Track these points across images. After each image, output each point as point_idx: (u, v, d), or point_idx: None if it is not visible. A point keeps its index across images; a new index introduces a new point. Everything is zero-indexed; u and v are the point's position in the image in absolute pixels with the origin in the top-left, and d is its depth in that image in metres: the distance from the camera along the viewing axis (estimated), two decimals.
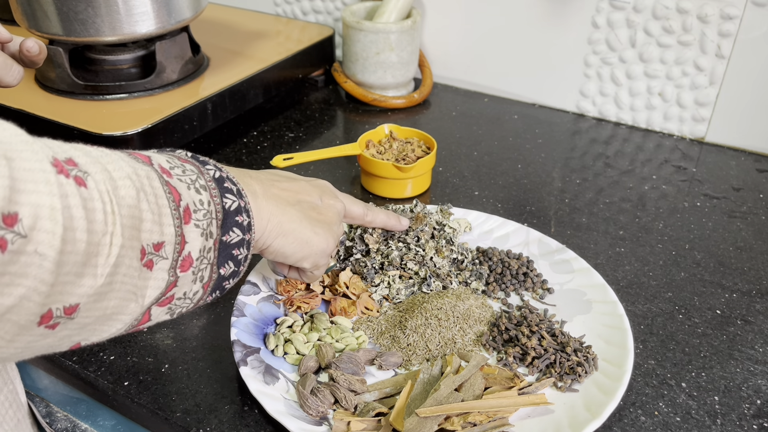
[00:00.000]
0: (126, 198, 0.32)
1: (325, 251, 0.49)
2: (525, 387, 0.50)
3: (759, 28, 0.78)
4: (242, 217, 0.40)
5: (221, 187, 0.40)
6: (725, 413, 0.50)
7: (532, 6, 0.90)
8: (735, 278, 0.64)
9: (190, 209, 0.36)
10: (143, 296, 0.34)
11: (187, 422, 0.49)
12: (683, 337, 0.57)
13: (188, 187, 0.37)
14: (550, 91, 0.95)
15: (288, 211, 0.46)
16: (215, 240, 0.38)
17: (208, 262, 0.38)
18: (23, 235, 0.26)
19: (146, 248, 0.33)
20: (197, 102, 0.78)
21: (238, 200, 0.40)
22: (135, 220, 0.32)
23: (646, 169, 0.81)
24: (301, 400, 0.48)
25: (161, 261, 0.35)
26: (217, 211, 0.38)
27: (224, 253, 0.40)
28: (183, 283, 0.37)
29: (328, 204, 0.51)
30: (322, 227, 0.49)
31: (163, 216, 0.34)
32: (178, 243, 0.35)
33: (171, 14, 0.77)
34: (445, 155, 0.84)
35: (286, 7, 1.10)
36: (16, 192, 0.26)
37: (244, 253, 0.41)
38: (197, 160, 0.41)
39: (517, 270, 0.61)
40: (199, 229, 0.37)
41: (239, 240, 0.40)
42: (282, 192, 0.47)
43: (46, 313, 0.29)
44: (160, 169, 0.36)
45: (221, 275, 0.40)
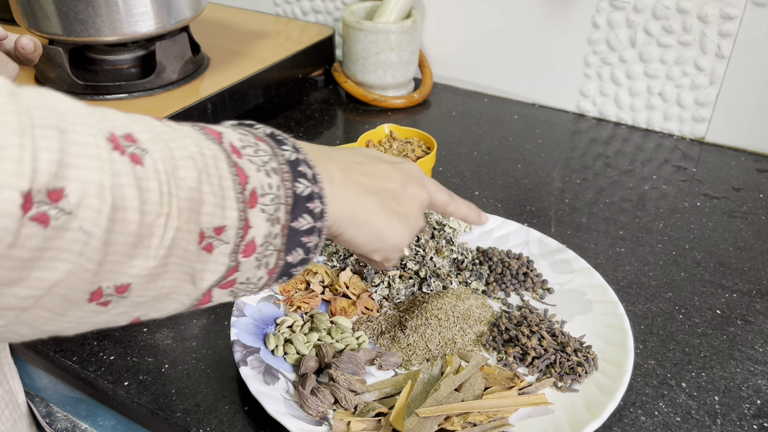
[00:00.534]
0: (186, 179, 0.31)
1: (398, 246, 0.46)
2: (525, 387, 0.50)
3: (759, 28, 0.78)
4: (314, 203, 0.38)
5: (295, 170, 0.37)
6: (725, 413, 0.50)
7: (532, 6, 0.90)
8: (735, 278, 0.64)
9: (257, 193, 0.35)
10: (201, 279, 0.33)
11: (187, 422, 0.49)
12: (683, 337, 0.57)
13: (258, 170, 0.35)
14: (550, 91, 0.95)
15: (365, 201, 0.43)
16: (283, 226, 0.36)
17: (274, 248, 0.36)
18: (68, 211, 0.25)
19: (206, 231, 0.32)
20: (197, 102, 0.78)
21: (312, 186, 0.38)
22: (194, 202, 0.31)
23: (646, 169, 0.81)
24: (301, 400, 0.48)
25: (222, 245, 0.33)
26: (287, 197, 0.36)
27: (293, 240, 0.37)
28: (245, 269, 0.36)
29: (411, 193, 0.47)
30: (399, 220, 0.46)
31: (226, 199, 0.33)
32: (241, 228, 0.34)
33: (171, 14, 0.77)
34: (445, 155, 0.83)
35: (286, 7, 1.10)
36: (65, 166, 0.25)
37: (315, 241, 0.39)
38: (274, 139, 0.39)
39: (517, 270, 0.61)
40: (264, 214, 0.35)
41: (310, 227, 0.38)
42: (362, 178, 0.44)
43: (96, 291, 0.28)
44: (230, 148, 0.35)
45: (288, 262, 0.38)
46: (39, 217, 0.24)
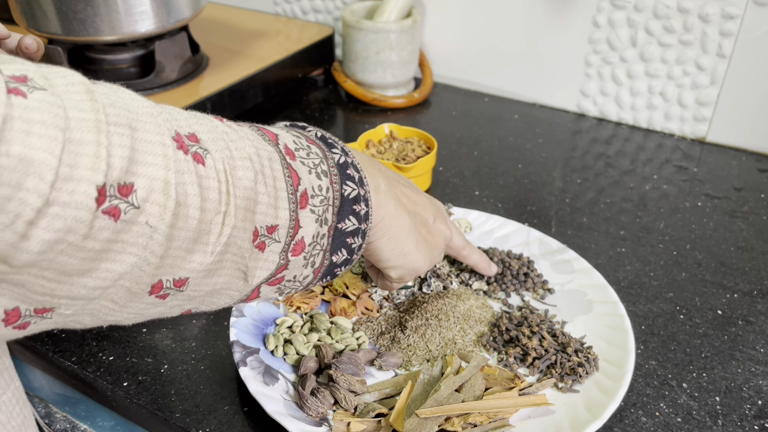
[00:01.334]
0: (243, 179, 0.32)
1: (417, 270, 0.47)
2: (525, 388, 0.50)
3: (760, 27, 0.78)
4: (360, 206, 0.39)
5: (343, 173, 0.39)
6: (726, 414, 0.50)
7: (532, 5, 0.90)
8: (736, 278, 0.63)
9: (308, 194, 0.36)
10: (253, 276, 0.34)
11: (186, 423, 0.49)
12: (684, 338, 0.57)
13: (309, 171, 0.36)
14: (550, 91, 0.95)
15: (401, 217, 0.44)
16: (330, 227, 0.38)
17: (320, 248, 0.38)
18: (136, 206, 0.26)
19: (259, 230, 0.33)
20: (196, 101, 0.78)
21: (359, 189, 0.39)
22: (250, 201, 0.32)
23: (647, 168, 0.81)
24: (300, 400, 0.48)
25: (273, 243, 0.34)
26: (334, 198, 0.38)
27: (338, 241, 0.39)
28: (293, 267, 0.37)
29: (438, 228, 0.49)
30: (426, 247, 0.47)
31: (279, 199, 0.34)
32: (291, 227, 0.35)
33: (170, 13, 0.76)
34: (445, 155, 0.83)
35: (285, 6, 1.10)
36: (135, 163, 0.26)
37: (358, 243, 0.40)
38: (325, 142, 0.40)
39: (518, 270, 0.61)
40: (314, 215, 0.36)
41: (354, 229, 0.39)
42: (403, 196, 0.46)
43: (157, 284, 0.29)
44: (284, 150, 0.36)
45: (333, 262, 0.39)
46: (111, 210, 0.26)
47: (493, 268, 0.58)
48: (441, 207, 0.51)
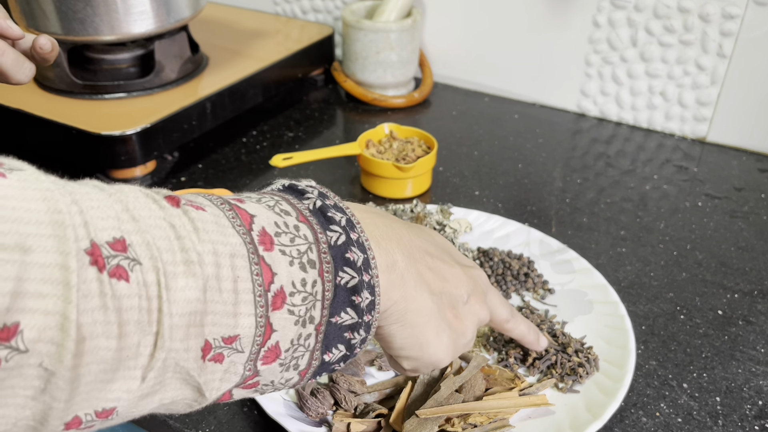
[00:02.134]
0: (185, 289, 0.26)
1: (436, 364, 0.39)
2: (526, 388, 0.50)
3: (760, 27, 0.78)
4: (360, 296, 0.32)
5: (340, 258, 0.32)
6: (727, 414, 0.50)
7: (533, 5, 0.90)
8: (737, 278, 0.63)
9: (285, 292, 0.30)
10: (210, 389, 0.29)
11: (186, 423, 0.49)
12: (685, 338, 0.56)
13: (291, 263, 0.30)
14: (550, 91, 0.95)
15: (422, 300, 0.37)
16: (318, 324, 0.32)
17: (305, 349, 0.32)
18: (23, 350, 0.22)
19: (212, 342, 0.28)
20: (196, 101, 0.77)
21: (360, 275, 0.32)
22: (194, 315, 0.27)
23: (648, 168, 0.81)
24: (300, 401, 0.48)
25: (235, 354, 0.29)
26: (325, 290, 0.31)
27: (332, 336, 0.32)
28: (267, 375, 0.31)
29: (471, 309, 0.41)
30: (449, 336, 0.39)
31: (240, 304, 0.28)
32: (260, 335, 0.29)
33: (170, 13, 0.76)
34: (445, 155, 0.83)
35: (285, 6, 1.10)
36: (21, 297, 0.22)
37: (360, 337, 0.33)
38: (323, 215, 0.33)
39: (518, 270, 0.61)
40: (293, 316, 0.30)
41: (353, 323, 0.33)
42: (428, 272, 0.38)
43: (73, 420, 0.25)
44: (259, 237, 0.29)
45: (326, 361, 0.33)
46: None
47: (543, 342, 0.50)
48: (481, 279, 0.42)
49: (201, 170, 0.79)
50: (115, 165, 0.73)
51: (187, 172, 0.79)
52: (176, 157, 0.81)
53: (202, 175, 0.78)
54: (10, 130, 0.78)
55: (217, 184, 0.76)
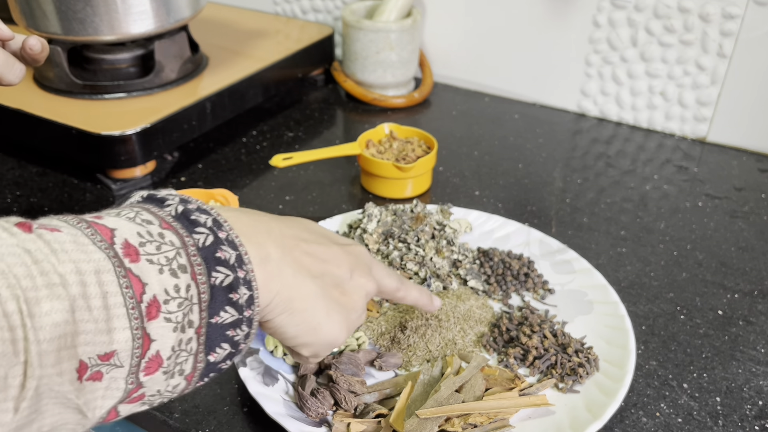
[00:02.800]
0: (51, 313, 0.26)
1: (332, 343, 0.40)
2: (526, 388, 0.50)
3: (760, 27, 0.78)
4: (238, 293, 0.32)
5: (210, 258, 0.32)
6: (727, 414, 0.50)
7: (533, 5, 0.90)
8: (737, 278, 0.63)
9: (159, 300, 0.30)
10: (92, 408, 0.29)
11: (186, 423, 0.48)
12: (685, 338, 0.56)
13: (160, 270, 0.30)
14: (551, 91, 0.95)
15: (305, 286, 0.37)
16: (198, 327, 0.31)
17: (188, 353, 0.31)
18: None
19: (87, 362, 0.27)
20: (196, 101, 0.77)
21: (234, 272, 0.33)
22: (64, 338, 0.26)
23: (648, 168, 0.81)
24: (300, 401, 0.48)
25: (114, 370, 0.28)
26: (201, 293, 0.31)
27: (214, 336, 0.32)
28: (151, 385, 0.31)
29: (357, 284, 0.41)
30: (340, 313, 0.40)
31: (112, 319, 0.28)
32: (138, 347, 0.29)
33: (170, 13, 0.76)
34: (445, 155, 0.83)
35: (285, 6, 1.10)
36: None
37: (243, 332, 0.34)
38: (187, 219, 0.33)
39: (518, 270, 0.61)
40: (170, 323, 0.30)
41: (234, 320, 0.33)
42: (305, 257, 0.38)
43: None
44: (123, 251, 0.29)
45: (211, 362, 0.33)
46: None
47: (437, 303, 0.50)
48: (362, 254, 0.43)
49: (201, 170, 0.79)
50: (115, 165, 0.73)
51: (187, 172, 0.79)
52: (176, 157, 0.81)
53: (202, 175, 0.78)
54: (11, 131, 0.78)
55: (217, 184, 0.76)
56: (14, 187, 0.75)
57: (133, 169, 0.74)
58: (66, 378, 0.27)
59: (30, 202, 0.73)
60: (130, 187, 0.75)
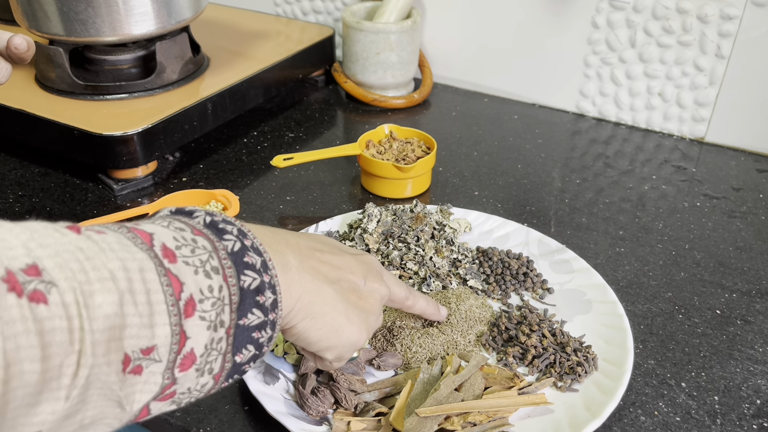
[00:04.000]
0: (104, 305, 0.27)
1: (354, 344, 0.42)
2: (525, 387, 0.50)
3: (759, 28, 0.78)
4: (264, 296, 0.34)
5: (239, 262, 0.34)
6: (725, 413, 0.50)
7: (532, 6, 0.90)
8: (735, 278, 0.64)
9: (195, 299, 0.31)
10: (131, 402, 0.30)
11: (186, 422, 0.49)
12: (683, 337, 0.57)
13: (195, 272, 0.32)
14: (550, 92, 0.95)
15: (323, 291, 0.40)
16: (228, 327, 0.33)
17: (218, 353, 0.33)
18: None
19: (131, 355, 0.29)
20: (197, 102, 0.78)
21: (261, 276, 0.34)
22: (114, 330, 0.28)
23: (646, 169, 0.81)
24: (301, 399, 0.48)
25: (153, 364, 0.30)
26: (231, 294, 0.33)
27: (241, 338, 0.34)
28: (184, 381, 0.32)
29: (371, 288, 0.44)
30: (359, 316, 0.42)
31: (155, 315, 0.29)
32: (175, 342, 0.30)
33: (171, 14, 0.77)
34: (445, 155, 0.84)
35: (286, 7, 1.10)
36: None
37: (267, 335, 0.35)
38: (215, 228, 0.35)
39: (517, 270, 0.61)
40: (205, 321, 0.32)
41: (261, 322, 0.34)
42: (322, 265, 0.41)
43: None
44: (162, 252, 0.31)
45: (237, 363, 0.35)
46: None
47: (443, 312, 0.54)
48: (373, 263, 0.46)
49: (202, 170, 0.80)
50: (117, 165, 0.73)
51: (188, 172, 0.79)
52: (177, 158, 0.82)
53: (203, 175, 0.79)
54: (13, 131, 0.78)
55: (218, 185, 0.77)
56: (16, 188, 0.75)
57: (134, 170, 0.75)
58: (113, 368, 0.28)
59: (32, 202, 0.73)
60: (132, 188, 0.75)
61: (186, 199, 0.69)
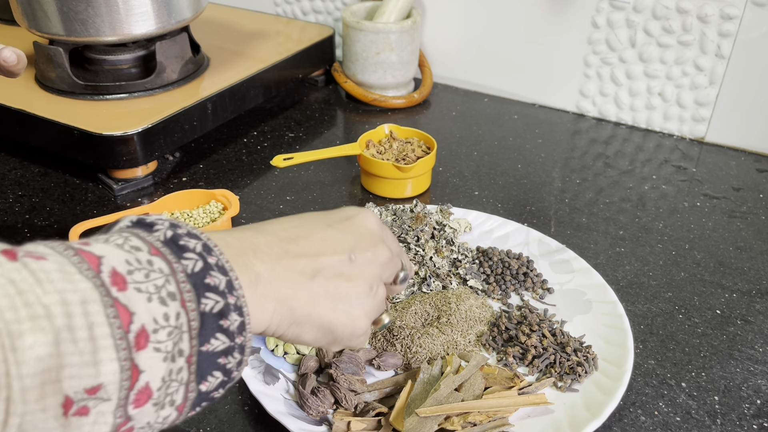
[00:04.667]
0: (35, 347, 0.25)
1: (353, 334, 0.39)
2: (525, 387, 0.50)
3: (759, 28, 0.78)
4: (229, 319, 0.31)
5: (200, 285, 0.31)
6: (725, 413, 0.50)
7: (532, 6, 0.90)
8: (735, 278, 0.64)
9: (148, 330, 0.28)
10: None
11: (187, 422, 0.49)
12: (683, 337, 0.57)
13: (149, 299, 0.29)
14: (550, 91, 0.95)
15: (302, 293, 0.37)
16: (189, 355, 0.30)
17: (179, 383, 0.30)
18: None
19: (73, 396, 0.26)
20: (197, 102, 0.78)
21: (224, 299, 0.32)
22: (49, 372, 0.25)
23: (646, 169, 0.81)
24: (301, 399, 0.48)
25: (101, 404, 0.27)
26: (190, 320, 0.30)
27: (206, 365, 0.31)
28: (141, 417, 0.30)
29: (363, 261, 0.39)
30: (349, 303, 0.38)
31: (99, 351, 0.27)
32: (126, 378, 0.28)
33: (171, 14, 0.77)
34: (445, 155, 0.84)
35: (286, 7, 1.10)
36: None
37: (236, 359, 0.33)
38: (176, 245, 0.31)
39: (517, 270, 0.61)
40: (160, 353, 0.29)
41: (226, 347, 0.32)
42: (297, 262, 0.37)
43: None
44: (110, 279, 0.28)
45: (203, 391, 0.32)
46: None
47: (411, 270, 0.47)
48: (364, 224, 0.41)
49: (202, 170, 0.80)
50: (117, 165, 0.73)
51: (188, 172, 0.79)
52: (177, 158, 0.82)
53: (203, 175, 0.79)
54: (13, 131, 0.78)
55: (218, 185, 0.77)
56: (16, 187, 0.75)
57: (134, 170, 0.75)
58: (50, 414, 0.26)
59: (32, 202, 0.73)
60: (132, 188, 0.75)
61: (186, 199, 0.69)
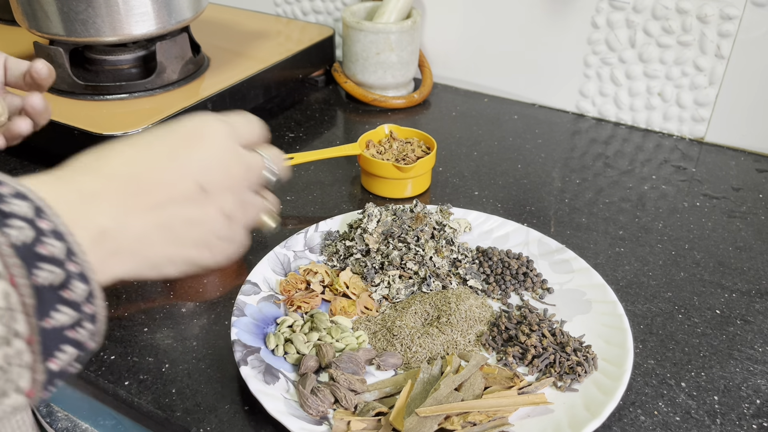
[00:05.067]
0: None
1: (217, 260, 0.38)
2: (525, 386, 0.50)
3: (758, 28, 0.79)
4: (71, 290, 0.28)
5: (31, 256, 0.27)
6: (725, 413, 0.50)
7: (532, 6, 0.90)
8: (734, 278, 0.64)
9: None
10: None
11: (187, 422, 0.49)
12: (683, 337, 0.57)
13: None
14: (549, 92, 0.95)
15: (153, 238, 0.34)
16: (29, 336, 0.27)
17: (21, 367, 0.27)
18: None
19: None
20: (197, 102, 0.78)
21: (63, 268, 0.28)
22: None
23: (646, 169, 0.81)
24: (301, 399, 0.48)
25: None
26: (23, 297, 0.26)
27: (51, 342, 0.28)
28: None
29: (215, 186, 0.37)
30: (204, 234, 0.37)
31: None
32: None
33: (171, 14, 0.77)
34: (445, 155, 0.84)
35: (286, 7, 1.11)
36: None
37: (89, 329, 0.29)
38: (1, 214, 0.27)
39: (517, 270, 0.61)
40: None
41: (73, 320, 0.28)
42: (142, 204, 0.34)
43: None
44: None
45: (54, 371, 0.28)
46: None
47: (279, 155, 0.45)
48: (210, 148, 0.38)
49: None
50: None
51: None
52: None
53: None
54: None
55: None
56: None
57: None
58: None
59: None
60: None
61: None
